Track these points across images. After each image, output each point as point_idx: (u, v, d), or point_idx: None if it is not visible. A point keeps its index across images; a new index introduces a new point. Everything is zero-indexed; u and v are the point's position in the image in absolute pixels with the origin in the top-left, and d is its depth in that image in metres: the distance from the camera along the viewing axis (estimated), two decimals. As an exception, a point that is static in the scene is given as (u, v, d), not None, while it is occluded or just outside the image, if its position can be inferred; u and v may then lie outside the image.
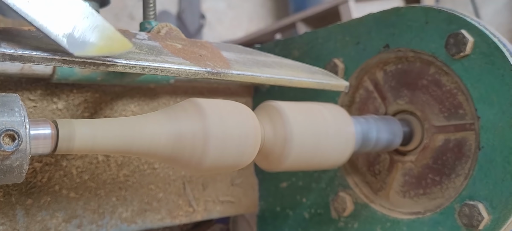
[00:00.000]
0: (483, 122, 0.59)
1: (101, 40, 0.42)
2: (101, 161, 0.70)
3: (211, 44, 0.64)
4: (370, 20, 0.70)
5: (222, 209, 0.84)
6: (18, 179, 0.40)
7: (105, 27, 0.43)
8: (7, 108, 0.39)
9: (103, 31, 0.42)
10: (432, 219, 0.63)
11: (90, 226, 0.69)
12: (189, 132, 0.47)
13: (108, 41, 0.43)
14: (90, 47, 0.41)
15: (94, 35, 0.42)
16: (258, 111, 0.58)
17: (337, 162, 0.62)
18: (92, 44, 0.41)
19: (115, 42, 0.43)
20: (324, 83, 0.66)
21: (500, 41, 0.58)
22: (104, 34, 0.42)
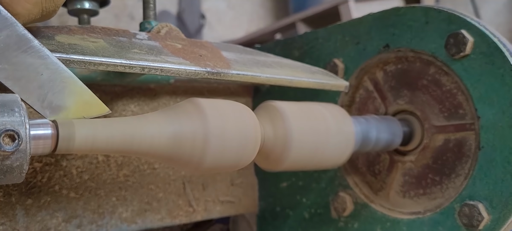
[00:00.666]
0: (483, 122, 0.59)
1: (77, 104, 0.43)
2: (101, 161, 0.70)
3: (211, 44, 0.64)
4: (370, 20, 0.70)
5: (222, 209, 0.84)
6: (18, 179, 0.40)
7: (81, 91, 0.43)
8: (7, 108, 0.39)
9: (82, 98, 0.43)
10: (432, 219, 0.63)
11: (90, 226, 0.69)
12: (189, 132, 0.47)
13: (82, 105, 0.43)
14: (63, 111, 0.42)
15: (69, 99, 0.43)
16: (258, 111, 0.58)
17: (337, 162, 0.62)
18: (67, 109, 0.43)
19: (91, 107, 0.44)
20: (324, 83, 0.66)
21: (500, 41, 0.58)
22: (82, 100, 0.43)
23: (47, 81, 0.42)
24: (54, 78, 0.42)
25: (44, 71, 0.42)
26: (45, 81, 0.42)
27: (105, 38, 0.53)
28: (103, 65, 0.47)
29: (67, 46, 0.46)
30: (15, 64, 0.40)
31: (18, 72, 0.41)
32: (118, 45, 0.52)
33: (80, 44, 0.48)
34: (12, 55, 0.40)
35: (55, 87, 0.42)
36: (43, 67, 0.42)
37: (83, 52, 0.46)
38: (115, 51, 0.49)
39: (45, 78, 0.42)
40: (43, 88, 0.42)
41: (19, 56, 0.41)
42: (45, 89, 0.42)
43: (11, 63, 0.40)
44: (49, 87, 0.42)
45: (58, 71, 0.43)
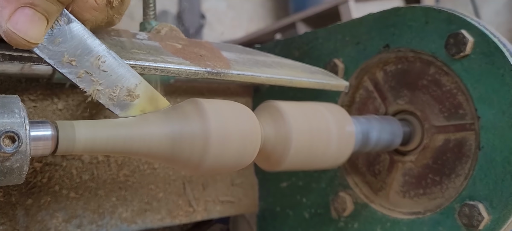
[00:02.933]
0: (483, 122, 0.59)
1: (142, 100, 0.47)
2: (101, 161, 0.70)
3: (211, 44, 0.64)
4: (370, 20, 0.70)
5: (222, 209, 0.84)
6: (18, 180, 0.40)
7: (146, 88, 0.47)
8: (7, 109, 0.39)
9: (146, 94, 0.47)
10: (432, 219, 0.63)
11: (90, 226, 0.69)
12: (190, 132, 0.47)
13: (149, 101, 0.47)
14: (131, 108, 0.46)
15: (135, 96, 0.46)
16: (258, 111, 0.58)
17: (337, 162, 0.62)
18: (134, 105, 0.46)
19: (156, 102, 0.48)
20: (324, 83, 0.66)
21: (500, 41, 0.58)
22: (147, 96, 0.47)
23: (115, 81, 0.45)
24: (121, 77, 0.46)
25: (113, 72, 0.45)
26: (113, 81, 0.45)
27: (105, 38, 0.53)
28: (103, 65, 0.47)
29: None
30: (88, 68, 0.44)
31: (90, 75, 0.44)
32: (118, 45, 0.52)
33: (80, 44, 0.48)
34: (84, 59, 0.43)
35: (122, 86, 0.46)
36: (112, 68, 0.45)
37: (83, 52, 0.46)
38: (115, 51, 0.49)
39: (113, 79, 0.45)
40: (112, 88, 0.45)
41: (90, 60, 0.44)
42: (114, 88, 0.45)
43: (84, 67, 0.43)
44: (117, 86, 0.45)
45: (125, 72, 0.46)
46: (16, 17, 0.37)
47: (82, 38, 0.43)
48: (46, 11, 0.39)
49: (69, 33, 0.42)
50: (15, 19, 0.37)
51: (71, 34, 0.42)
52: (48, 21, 0.39)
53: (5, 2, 0.37)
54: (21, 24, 0.37)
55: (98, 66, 0.44)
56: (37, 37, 0.39)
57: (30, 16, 0.38)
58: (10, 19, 0.37)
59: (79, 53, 0.43)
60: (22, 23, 0.37)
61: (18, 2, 0.37)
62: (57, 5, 0.39)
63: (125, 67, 0.46)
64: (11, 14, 0.37)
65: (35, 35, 0.39)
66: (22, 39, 0.38)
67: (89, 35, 0.44)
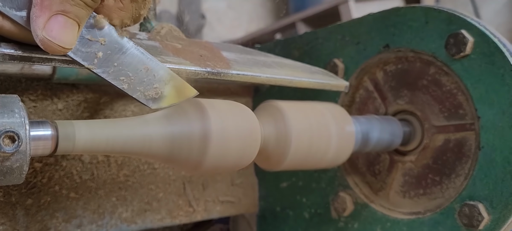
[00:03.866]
0: (483, 122, 0.59)
1: (172, 91, 0.48)
2: (101, 161, 0.70)
3: (211, 44, 0.64)
4: (370, 20, 0.70)
5: (222, 209, 0.84)
6: (18, 180, 0.40)
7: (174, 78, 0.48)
8: (7, 109, 0.39)
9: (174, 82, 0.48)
10: (432, 219, 0.63)
11: (90, 226, 0.69)
12: (190, 132, 0.47)
13: (178, 91, 0.48)
14: (164, 100, 0.48)
15: (166, 88, 0.48)
16: (258, 111, 0.58)
17: (337, 162, 0.62)
18: (165, 97, 0.48)
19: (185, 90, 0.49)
20: (324, 83, 0.66)
21: (500, 41, 0.58)
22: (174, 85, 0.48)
23: (145, 75, 0.47)
24: (150, 72, 0.47)
25: (142, 67, 0.46)
26: (144, 76, 0.46)
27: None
28: (104, 65, 0.47)
29: (67, 47, 0.46)
30: (120, 65, 0.45)
31: (123, 72, 0.45)
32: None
33: (80, 44, 0.48)
34: (115, 58, 0.45)
35: (152, 80, 0.47)
36: (140, 64, 0.46)
37: (83, 52, 0.46)
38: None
39: (143, 74, 0.46)
40: (143, 83, 0.46)
41: (121, 58, 0.45)
42: (145, 83, 0.47)
43: (116, 65, 0.45)
44: (148, 80, 0.47)
45: (153, 66, 0.47)
46: (50, 25, 0.39)
47: (111, 38, 0.44)
48: (77, 17, 0.40)
49: (99, 35, 0.44)
50: (49, 27, 0.38)
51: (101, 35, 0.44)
52: (79, 26, 0.41)
53: (39, 11, 0.38)
54: (56, 31, 0.39)
55: (129, 64, 0.46)
56: (71, 42, 0.40)
57: (63, 23, 0.39)
58: (45, 27, 0.38)
59: (110, 52, 0.44)
60: (56, 31, 0.39)
61: (51, 11, 0.38)
62: (87, 10, 0.41)
63: (153, 61, 0.47)
64: (45, 23, 0.38)
65: (69, 41, 0.40)
66: (57, 46, 0.39)
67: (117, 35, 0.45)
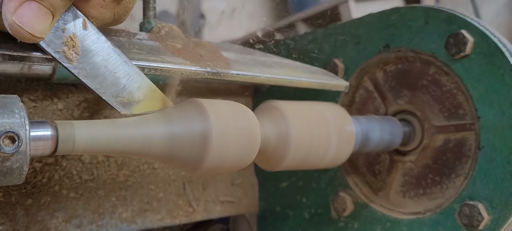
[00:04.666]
0: (483, 122, 0.59)
1: (145, 99, 0.47)
2: (101, 161, 0.70)
3: (211, 44, 0.64)
4: (370, 20, 0.70)
5: (222, 209, 0.84)
6: (18, 180, 0.40)
7: (151, 89, 0.47)
8: (7, 109, 0.39)
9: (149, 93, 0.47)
10: (432, 219, 0.63)
11: (90, 226, 0.69)
12: (190, 132, 0.47)
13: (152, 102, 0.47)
14: (135, 107, 0.46)
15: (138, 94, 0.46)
16: (258, 111, 0.58)
17: (337, 161, 0.62)
18: (137, 104, 0.46)
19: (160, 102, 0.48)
20: (324, 83, 0.66)
21: (500, 41, 0.58)
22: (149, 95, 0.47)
23: (119, 78, 0.45)
24: (126, 75, 0.46)
25: (117, 70, 0.45)
26: (118, 78, 0.45)
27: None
28: (103, 65, 0.47)
29: (67, 47, 0.46)
30: (93, 64, 0.44)
31: (95, 71, 0.44)
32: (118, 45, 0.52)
33: (80, 44, 0.48)
34: (88, 55, 0.44)
35: (126, 84, 0.46)
36: (116, 66, 0.45)
37: (83, 52, 0.46)
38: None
39: (117, 76, 0.45)
40: (116, 85, 0.45)
41: (95, 56, 0.44)
42: (118, 86, 0.45)
43: (89, 63, 0.44)
44: (122, 84, 0.46)
45: (129, 70, 0.46)
46: (22, 11, 0.37)
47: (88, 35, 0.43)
48: (52, 6, 0.39)
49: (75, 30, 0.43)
50: (21, 13, 0.37)
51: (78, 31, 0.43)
52: (53, 16, 0.40)
53: None
54: (27, 17, 0.37)
55: (103, 63, 0.45)
56: (42, 31, 0.39)
57: (36, 10, 0.38)
58: (16, 12, 0.37)
59: (85, 49, 0.43)
60: (27, 17, 0.37)
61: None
62: (64, 1, 0.39)
63: (130, 65, 0.46)
64: (17, 8, 0.37)
65: (40, 29, 0.39)
66: (26, 33, 0.38)
67: (95, 32, 0.44)
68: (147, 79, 0.47)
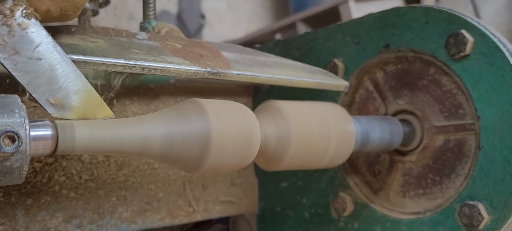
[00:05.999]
0: (483, 122, 0.59)
1: (82, 104, 0.44)
2: (101, 161, 0.70)
3: (211, 44, 0.64)
4: (370, 20, 0.70)
5: (222, 209, 0.84)
6: (18, 180, 0.40)
7: (90, 94, 0.44)
8: (7, 109, 0.39)
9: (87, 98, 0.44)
10: (432, 219, 0.63)
11: (90, 226, 0.69)
12: (190, 132, 0.47)
13: (89, 107, 0.44)
14: (69, 111, 0.43)
15: (76, 99, 0.43)
16: (258, 111, 0.58)
17: (336, 161, 0.62)
18: (71, 108, 0.43)
19: (97, 109, 0.45)
20: (324, 83, 0.66)
21: (500, 41, 0.58)
22: (86, 101, 0.44)
23: (56, 78, 0.43)
24: (64, 76, 0.43)
25: (55, 69, 0.43)
26: (54, 78, 0.42)
27: (105, 38, 0.53)
28: (103, 65, 0.47)
29: (67, 47, 0.46)
30: (27, 58, 0.41)
31: (28, 66, 0.41)
32: (118, 45, 0.52)
33: (80, 44, 0.48)
34: (24, 48, 0.41)
35: (63, 86, 0.43)
36: (54, 64, 0.43)
37: (83, 52, 0.46)
38: (115, 51, 0.49)
39: (54, 75, 0.42)
40: (51, 85, 0.42)
41: (32, 51, 0.41)
42: (53, 86, 0.42)
43: (23, 56, 0.41)
44: (58, 84, 0.43)
45: (69, 71, 0.43)
46: None
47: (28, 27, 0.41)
48: None
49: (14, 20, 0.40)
50: None
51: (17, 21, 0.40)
52: None
53: None
54: None
55: (39, 58, 0.42)
56: None
57: None
58: None
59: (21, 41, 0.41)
60: None
61: None
62: None
63: (70, 66, 0.43)
64: None
65: None
66: None
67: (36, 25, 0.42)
68: (88, 83, 0.44)
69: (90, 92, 0.45)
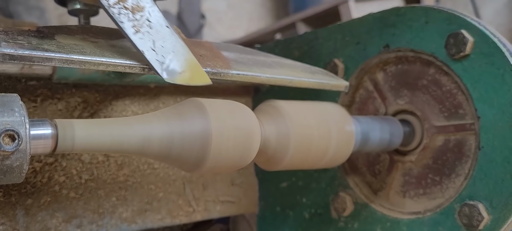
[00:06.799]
0: (483, 122, 0.59)
1: (188, 72, 0.49)
2: (101, 161, 0.70)
3: (211, 44, 0.64)
4: (370, 20, 0.70)
5: (222, 209, 0.84)
6: (18, 179, 0.40)
7: (193, 63, 0.50)
8: (7, 108, 0.39)
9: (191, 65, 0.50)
10: (432, 219, 0.63)
11: (90, 226, 0.69)
12: (190, 132, 0.47)
13: (194, 74, 0.50)
14: (178, 76, 0.49)
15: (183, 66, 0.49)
16: (258, 111, 0.58)
17: (336, 161, 0.62)
18: (180, 74, 0.49)
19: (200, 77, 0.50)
20: (324, 83, 0.66)
21: (500, 41, 0.58)
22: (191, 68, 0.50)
23: (169, 47, 0.49)
24: (173, 46, 0.49)
25: (167, 39, 0.49)
26: (167, 47, 0.48)
27: (105, 38, 0.53)
28: (103, 65, 0.47)
29: (67, 46, 0.46)
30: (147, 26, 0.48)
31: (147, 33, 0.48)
32: (118, 45, 0.52)
33: (80, 44, 0.48)
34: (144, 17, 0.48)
35: (173, 54, 0.49)
36: (167, 37, 0.49)
37: (83, 52, 0.46)
38: (115, 51, 0.49)
39: (167, 45, 0.48)
40: (164, 54, 0.48)
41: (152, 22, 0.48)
42: (165, 54, 0.48)
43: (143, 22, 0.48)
44: (169, 53, 0.48)
45: (176, 41, 0.49)
46: None
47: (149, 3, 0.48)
48: None
49: None
50: None
51: None
52: None
53: None
54: None
55: (158, 31, 0.48)
56: None
57: None
58: None
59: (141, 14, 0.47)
60: None
61: None
62: None
63: (177, 38, 0.50)
64: None
65: None
66: None
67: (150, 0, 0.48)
68: (191, 54, 0.50)
69: (193, 61, 0.50)
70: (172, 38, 0.49)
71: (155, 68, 0.47)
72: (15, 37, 0.44)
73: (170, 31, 0.49)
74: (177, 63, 0.49)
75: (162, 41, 0.48)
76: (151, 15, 0.48)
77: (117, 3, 0.46)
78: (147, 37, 0.47)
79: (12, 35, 0.45)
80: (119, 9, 0.47)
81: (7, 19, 1.02)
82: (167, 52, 0.48)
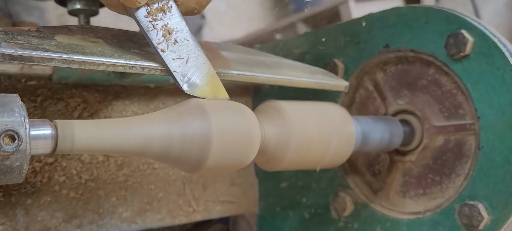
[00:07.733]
0: (483, 122, 0.59)
1: (207, 86, 0.51)
2: (101, 161, 0.70)
3: (211, 44, 0.64)
4: (370, 20, 0.70)
5: (222, 209, 0.84)
6: (18, 179, 0.40)
7: (214, 77, 0.52)
8: (7, 108, 0.39)
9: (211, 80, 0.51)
10: (432, 219, 0.63)
11: (90, 226, 0.69)
12: (190, 132, 0.47)
13: (213, 89, 0.51)
14: (198, 89, 0.50)
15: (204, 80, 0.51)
16: (258, 111, 0.58)
17: (336, 161, 0.62)
18: (200, 88, 0.51)
19: (218, 91, 0.52)
20: (324, 83, 0.66)
21: (500, 41, 0.58)
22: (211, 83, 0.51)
23: (190, 61, 0.50)
24: (195, 60, 0.51)
25: (191, 53, 0.51)
26: (189, 61, 0.50)
27: (105, 38, 0.53)
28: (103, 65, 0.47)
29: (67, 46, 0.46)
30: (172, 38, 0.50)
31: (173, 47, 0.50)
32: (118, 45, 0.52)
33: (80, 44, 0.48)
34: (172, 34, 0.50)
35: (195, 68, 0.51)
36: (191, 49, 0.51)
37: (83, 52, 0.46)
38: (115, 51, 0.50)
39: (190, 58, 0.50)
40: (187, 67, 0.50)
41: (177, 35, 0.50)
42: (188, 67, 0.50)
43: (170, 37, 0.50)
44: (191, 67, 0.50)
45: (199, 55, 0.51)
46: None
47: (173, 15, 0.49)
48: None
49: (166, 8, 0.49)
50: None
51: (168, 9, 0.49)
52: None
53: None
54: None
55: (182, 42, 0.50)
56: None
57: None
58: None
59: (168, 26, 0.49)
60: None
61: None
62: None
63: (200, 52, 0.51)
64: None
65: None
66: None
67: (178, 15, 0.50)
68: (212, 68, 0.52)
69: (214, 75, 0.52)
70: (196, 51, 0.51)
71: (177, 79, 0.49)
72: (15, 37, 0.44)
73: (194, 44, 0.51)
74: (198, 76, 0.50)
75: (187, 53, 0.50)
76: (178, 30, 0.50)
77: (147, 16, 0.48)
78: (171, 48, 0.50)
79: (12, 35, 0.45)
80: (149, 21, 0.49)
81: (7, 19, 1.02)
82: (190, 66, 0.50)
